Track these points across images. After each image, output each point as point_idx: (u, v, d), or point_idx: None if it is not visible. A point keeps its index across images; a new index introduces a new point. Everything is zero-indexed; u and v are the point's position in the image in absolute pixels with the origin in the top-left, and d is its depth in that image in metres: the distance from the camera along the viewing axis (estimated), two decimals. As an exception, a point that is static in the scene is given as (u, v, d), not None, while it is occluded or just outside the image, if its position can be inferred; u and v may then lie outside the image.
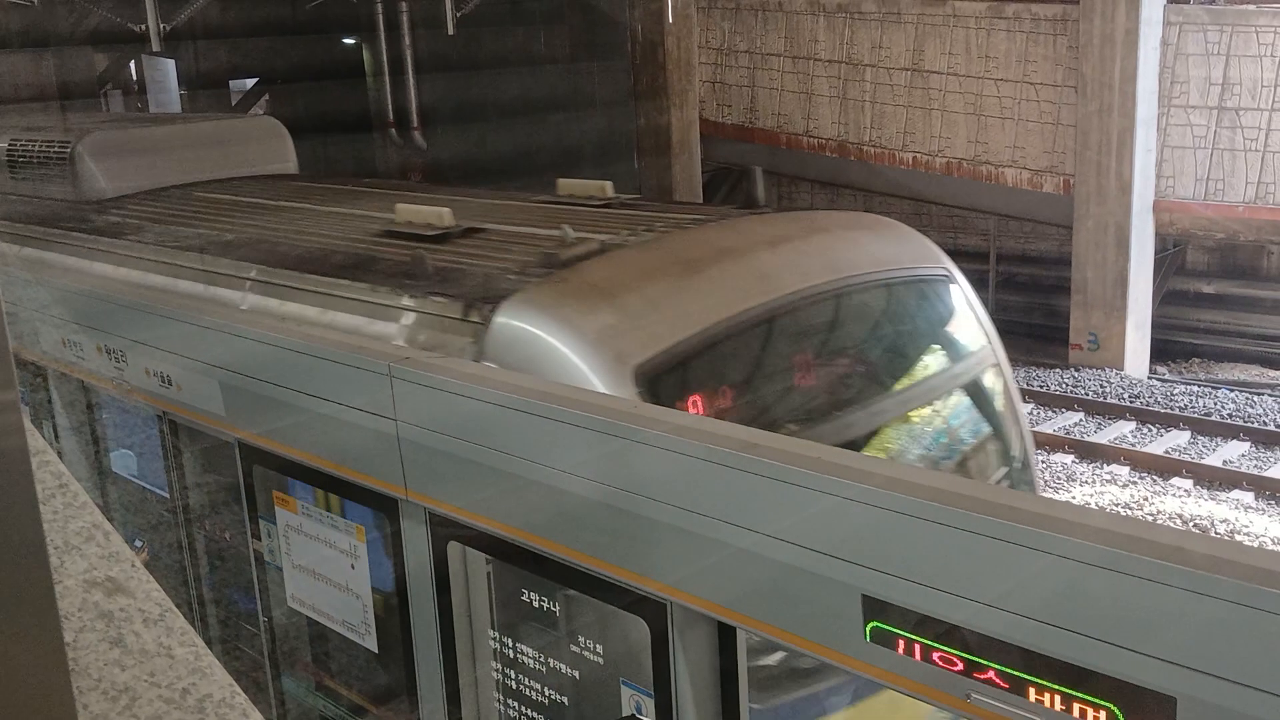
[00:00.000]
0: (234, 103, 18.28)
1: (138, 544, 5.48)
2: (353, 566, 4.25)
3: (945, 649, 2.44)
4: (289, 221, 5.99)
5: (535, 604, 3.78)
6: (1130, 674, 2.17)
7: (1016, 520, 2.30)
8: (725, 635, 3.05)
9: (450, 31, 12.84)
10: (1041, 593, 2.29)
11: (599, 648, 3.59)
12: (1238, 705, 2.04)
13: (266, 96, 18.36)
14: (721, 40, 16.17)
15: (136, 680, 1.21)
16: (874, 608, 2.54)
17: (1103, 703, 2.23)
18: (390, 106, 14.70)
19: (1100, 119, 12.84)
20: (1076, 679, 2.25)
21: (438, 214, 5.09)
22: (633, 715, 3.27)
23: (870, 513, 2.52)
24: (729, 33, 16.14)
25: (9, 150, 7.75)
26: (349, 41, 16.36)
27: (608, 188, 5.82)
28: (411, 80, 14.39)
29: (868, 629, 2.56)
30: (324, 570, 4.40)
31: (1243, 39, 11.95)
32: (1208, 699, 2.08)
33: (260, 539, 4.67)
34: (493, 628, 3.89)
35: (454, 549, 3.78)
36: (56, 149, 7.36)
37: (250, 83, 18.64)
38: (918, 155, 14.69)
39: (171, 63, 18.85)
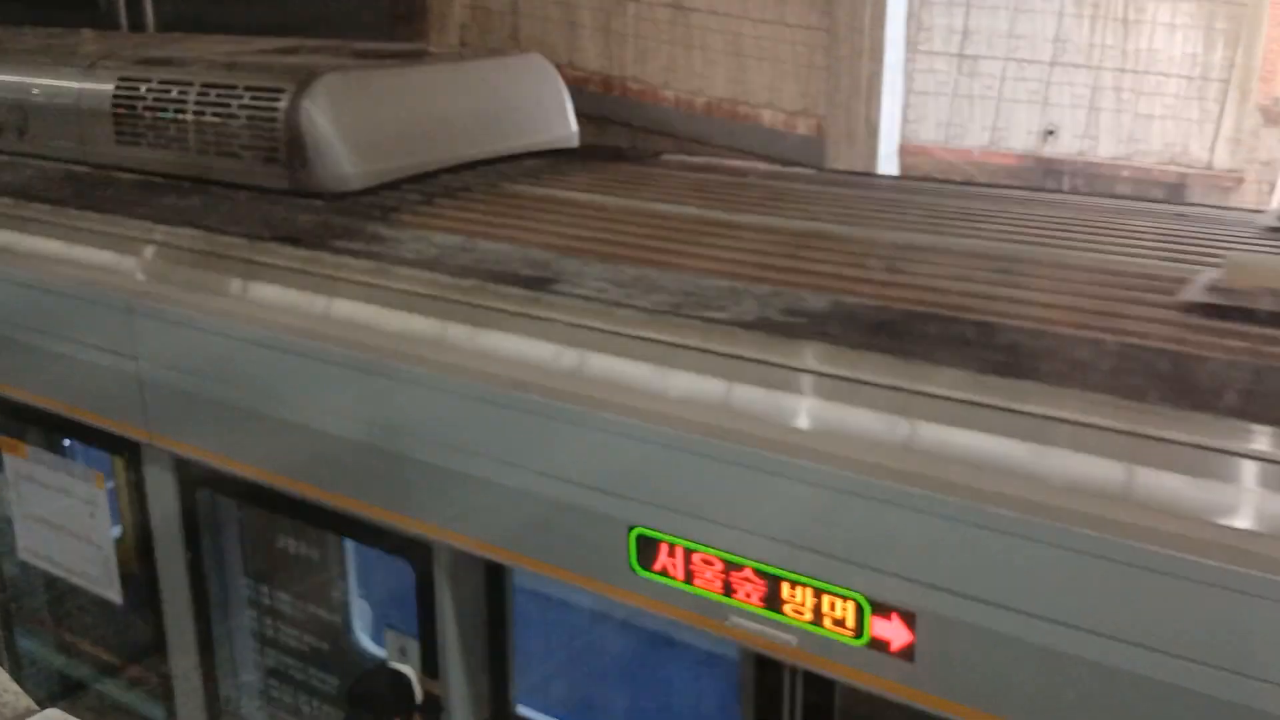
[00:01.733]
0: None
1: None
2: (92, 515, 4.00)
3: (706, 575, 2.52)
4: (820, 259, 3.15)
5: (292, 550, 3.66)
6: (875, 592, 2.29)
7: (772, 450, 2.38)
8: (494, 575, 3.04)
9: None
10: (795, 518, 2.38)
11: (362, 592, 3.52)
12: (972, 618, 2.19)
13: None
14: (483, -35, 15.80)
15: None
16: (641, 539, 2.58)
17: (849, 619, 2.35)
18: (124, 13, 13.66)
19: (851, 63, 13.32)
20: (827, 599, 2.36)
21: None
22: (384, 663, 3.22)
23: (636, 446, 2.55)
24: (491, -42, 15.77)
25: (118, 98, 4.42)
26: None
27: None
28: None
29: (635, 560, 2.60)
30: (60, 520, 4.12)
31: (980, -10, 12.62)
32: (944, 613, 2.22)
33: (-15, 488, 4.33)
34: (246, 575, 3.75)
35: (203, 494, 3.60)
36: (253, 101, 4.04)
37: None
38: (679, 93, 14.87)
39: None
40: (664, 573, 2.57)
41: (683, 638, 2.92)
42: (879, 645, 2.32)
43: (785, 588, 2.42)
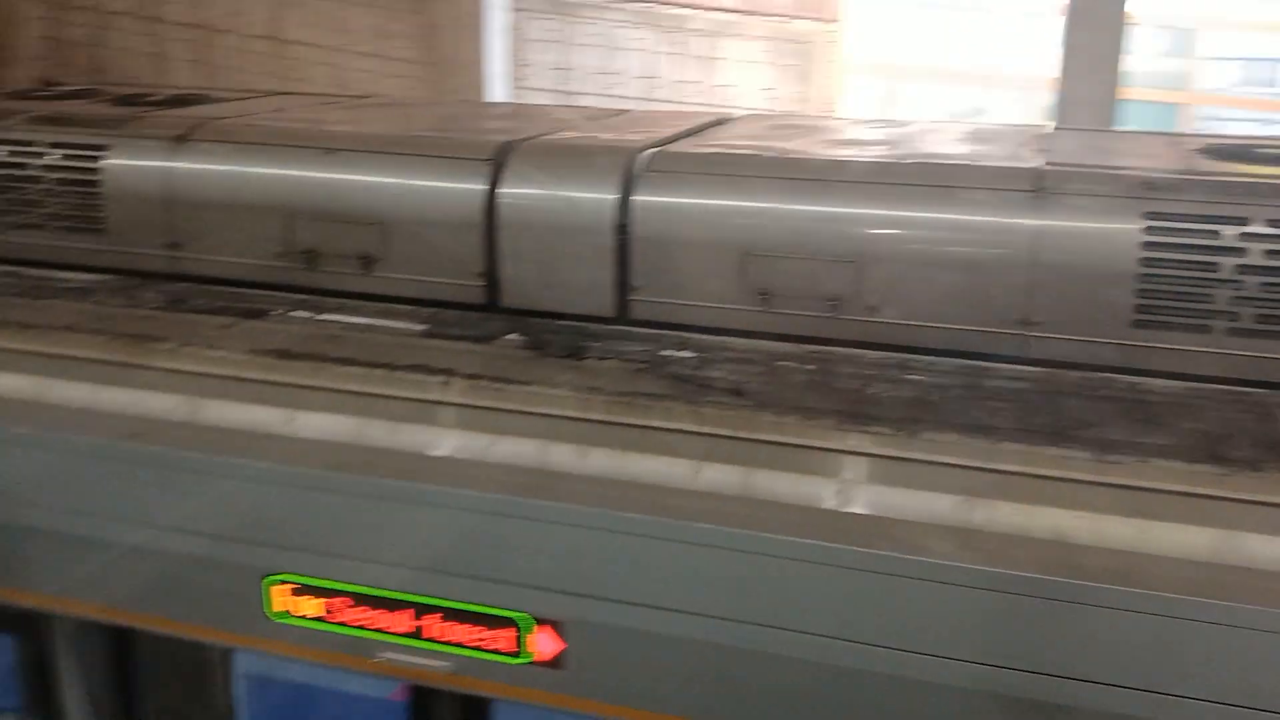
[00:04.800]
0: None
1: None
2: None
3: (349, 613, 2.49)
4: None
5: None
6: (524, 605, 2.37)
7: (409, 478, 2.40)
8: (119, 638, 2.85)
9: None
10: (439, 544, 2.42)
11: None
12: (613, 620, 2.32)
13: None
14: (56, -7, 14.62)
15: None
16: (276, 584, 2.52)
17: (502, 637, 2.41)
18: None
19: (456, 97, 13.48)
20: (477, 619, 2.41)
21: None
22: None
23: (263, 490, 2.49)
24: (65, -14, 14.63)
25: (1159, 247, 2.52)
26: None
27: None
28: None
29: (270, 606, 2.53)
30: None
31: (575, 28, 13.20)
32: (588, 618, 2.33)
33: None
34: None
35: None
36: None
37: None
38: (283, 126, 14.43)
39: None
40: (304, 619, 2.52)
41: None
42: (533, 659, 2.39)
43: (433, 615, 2.44)
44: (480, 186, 2.90)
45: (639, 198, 2.79)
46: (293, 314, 2.99)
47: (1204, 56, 13.87)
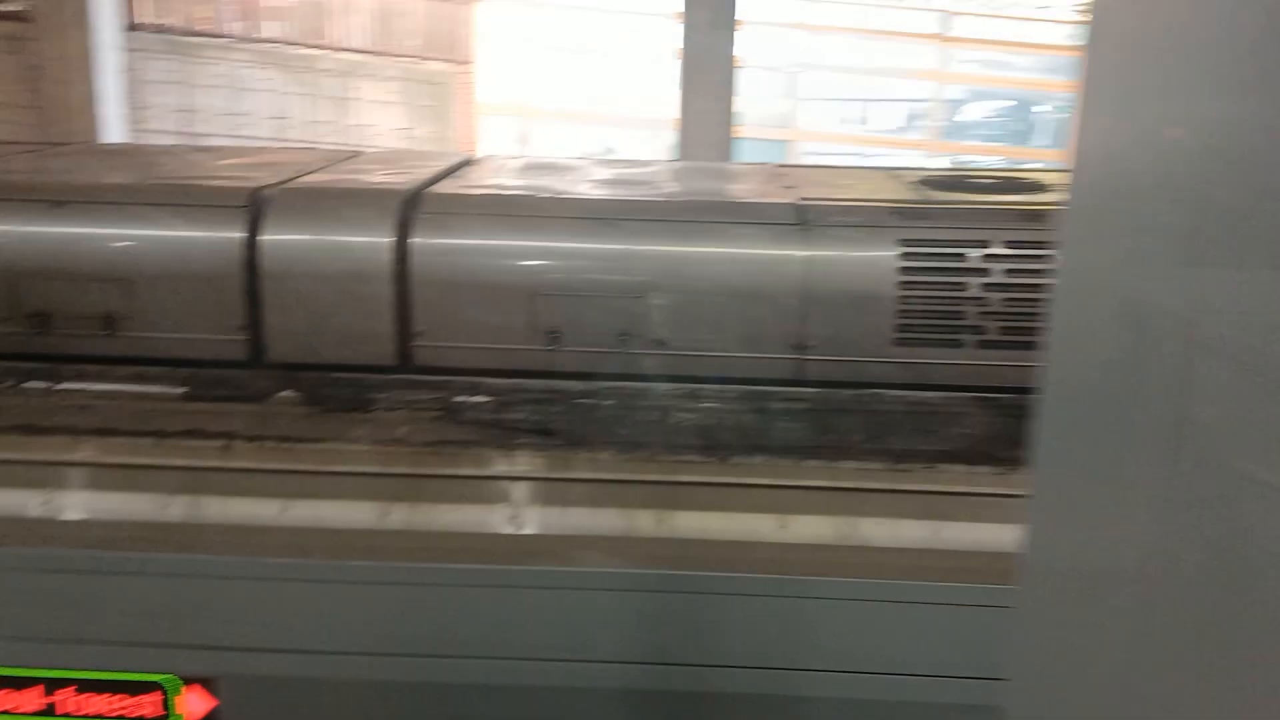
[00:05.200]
0: None
1: None
2: None
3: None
4: None
5: None
6: (169, 666, 2.28)
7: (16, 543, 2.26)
8: None
9: None
10: (64, 611, 2.29)
11: None
12: (266, 670, 2.28)
13: None
14: None
15: None
16: None
17: (149, 703, 2.31)
18: None
19: (69, 140, 12.56)
20: (117, 687, 2.29)
21: None
22: None
23: None
24: None
25: (912, 271, 2.78)
26: None
27: None
28: None
29: None
30: None
31: (197, 69, 12.66)
32: (238, 671, 2.28)
33: None
34: None
35: None
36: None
37: None
38: None
39: None
40: None
41: None
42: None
43: (66, 689, 2.30)
44: (237, 235, 2.74)
45: (417, 240, 2.73)
46: (26, 385, 2.72)
47: (806, 97, 15.18)
